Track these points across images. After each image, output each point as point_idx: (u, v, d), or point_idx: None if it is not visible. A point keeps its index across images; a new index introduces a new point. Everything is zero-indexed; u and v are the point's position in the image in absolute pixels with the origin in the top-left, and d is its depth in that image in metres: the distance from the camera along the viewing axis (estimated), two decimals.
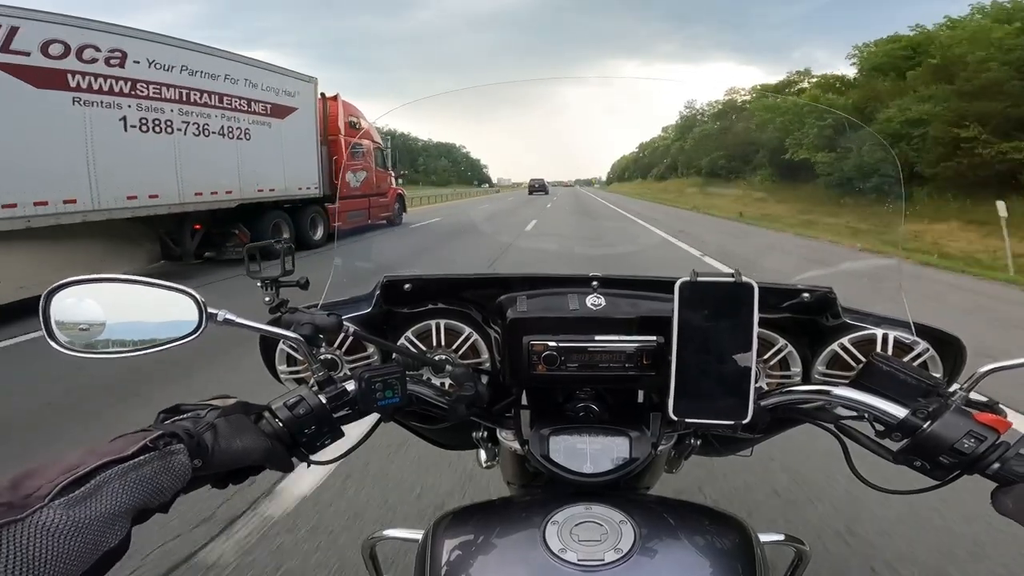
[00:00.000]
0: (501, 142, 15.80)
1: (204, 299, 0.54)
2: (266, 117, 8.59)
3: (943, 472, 0.55)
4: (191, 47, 7.17)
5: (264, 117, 8.55)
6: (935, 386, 0.60)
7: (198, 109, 7.26)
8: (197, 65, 7.21)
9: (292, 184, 9.27)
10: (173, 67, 6.86)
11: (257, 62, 8.53)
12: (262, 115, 8.50)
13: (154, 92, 6.61)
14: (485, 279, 0.78)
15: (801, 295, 0.73)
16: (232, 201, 7.87)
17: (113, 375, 3.35)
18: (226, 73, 7.75)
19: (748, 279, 0.57)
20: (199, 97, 7.27)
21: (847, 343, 0.71)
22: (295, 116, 9.29)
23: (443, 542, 0.59)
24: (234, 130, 7.91)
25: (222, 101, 7.66)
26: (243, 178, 8.07)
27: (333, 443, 0.60)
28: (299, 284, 0.72)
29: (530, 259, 3.69)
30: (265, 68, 8.63)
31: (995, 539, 1.75)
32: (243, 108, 8.07)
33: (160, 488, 0.44)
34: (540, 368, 0.65)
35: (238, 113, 7.97)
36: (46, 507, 0.36)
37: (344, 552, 1.76)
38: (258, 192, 8.43)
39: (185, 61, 7.03)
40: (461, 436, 0.83)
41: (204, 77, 7.35)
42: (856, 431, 0.64)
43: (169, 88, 6.81)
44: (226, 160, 7.76)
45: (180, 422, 0.50)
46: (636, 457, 0.64)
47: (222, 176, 7.66)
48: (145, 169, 6.45)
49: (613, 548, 0.52)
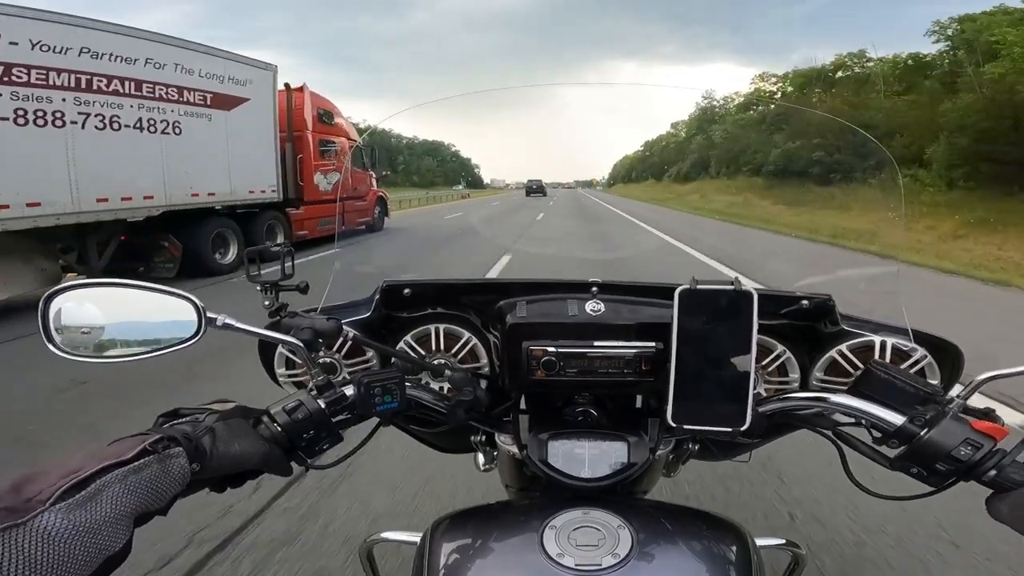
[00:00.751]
0: (495, 142, 14.54)
1: (203, 304, 0.54)
2: (204, 108, 7.34)
3: (939, 479, 0.56)
4: (96, 26, 5.94)
5: (201, 108, 7.30)
6: (932, 393, 0.60)
7: (104, 98, 6.02)
8: (104, 47, 5.97)
9: (241, 187, 8.01)
10: (68, 49, 5.63)
11: (195, 44, 7.27)
12: (199, 105, 7.25)
13: (38, 78, 5.39)
14: (484, 284, 0.80)
15: (800, 302, 0.73)
16: (154, 208, 6.63)
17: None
18: (148, 57, 6.51)
19: (747, 287, 0.57)
20: (105, 84, 6.04)
21: (845, 350, 0.71)
22: (246, 108, 8.02)
23: (441, 545, 0.59)
24: (157, 123, 6.66)
25: (140, 89, 6.42)
26: (170, 180, 6.83)
27: (332, 448, 0.60)
28: (299, 288, 0.70)
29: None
30: (205, 52, 7.37)
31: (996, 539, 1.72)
32: (171, 97, 6.82)
33: (159, 492, 0.44)
34: (539, 373, 0.65)
35: (163, 103, 6.73)
36: (47, 511, 0.36)
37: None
38: (192, 197, 7.18)
39: (87, 43, 5.79)
40: (459, 440, 0.84)
41: (115, 61, 6.12)
42: (853, 438, 0.65)
43: (60, 74, 5.58)
44: (144, 159, 6.52)
45: (179, 426, 0.50)
46: (634, 462, 0.65)
47: (139, 178, 6.42)
48: (20, 172, 5.24)
49: (611, 553, 0.53)
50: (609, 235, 9.28)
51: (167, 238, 7.02)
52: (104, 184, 6.02)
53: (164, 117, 6.75)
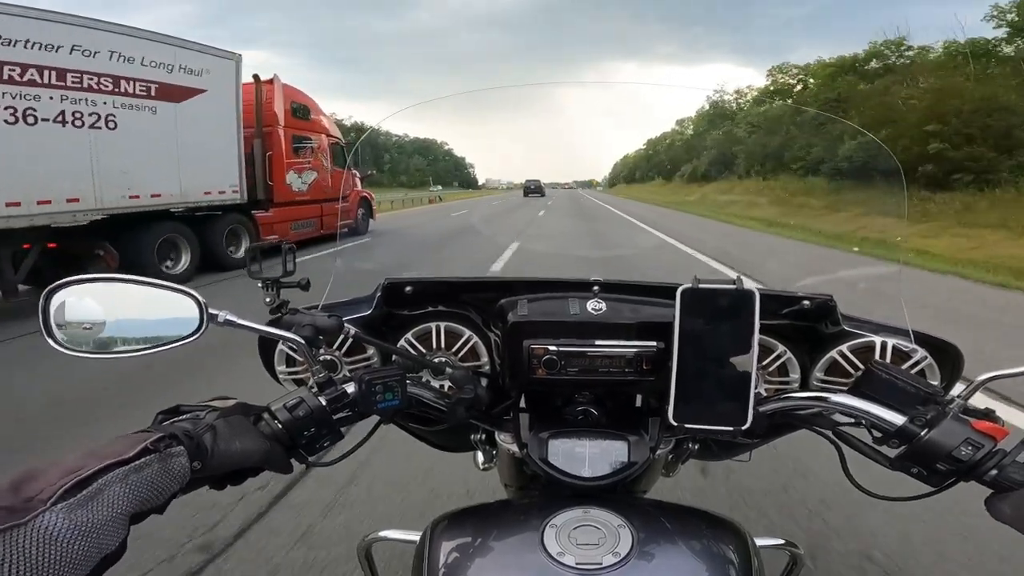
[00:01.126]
0: (492, 142, 13.72)
1: (205, 300, 0.55)
2: (147, 100, 6.58)
3: (940, 479, 0.56)
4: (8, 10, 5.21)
5: (144, 100, 6.54)
6: (933, 394, 0.60)
7: (16, 89, 5.30)
8: (14, 33, 5.25)
9: (194, 188, 7.25)
10: None
11: (137, 31, 6.52)
12: (140, 97, 6.49)
13: None
14: (486, 282, 0.78)
15: (801, 302, 0.73)
16: (81, 213, 5.88)
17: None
18: (75, 44, 5.77)
19: (750, 286, 0.57)
20: (17, 74, 5.31)
21: (846, 350, 0.71)
22: (201, 100, 7.25)
23: (441, 544, 0.59)
24: (84, 116, 5.89)
25: (63, 79, 5.68)
26: (102, 180, 6.07)
27: (333, 445, 0.60)
28: (300, 285, 0.69)
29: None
30: (149, 39, 6.62)
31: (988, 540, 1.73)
32: (103, 88, 6.08)
33: (159, 490, 0.44)
34: (540, 372, 0.65)
35: (93, 94, 5.98)
36: (48, 511, 0.36)
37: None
38: (131, 200, 6.43)
39: None
40: (460, 438, 0.84)
41: (30, 48, 5.37)
42: (854, 437, 0.65)
43: None
44: (68, 157, 5.78)
45: (179, 423, 0.50)
46: (634, 461, 0.66)
47: (60, 179, 5.68)
48: None
49: (611, 552, 0.53)
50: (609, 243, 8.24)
51: (103, 246, 6.28)
52: (15, 187, 5.28)
53: (94, 110, 5.99)
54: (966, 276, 6.94)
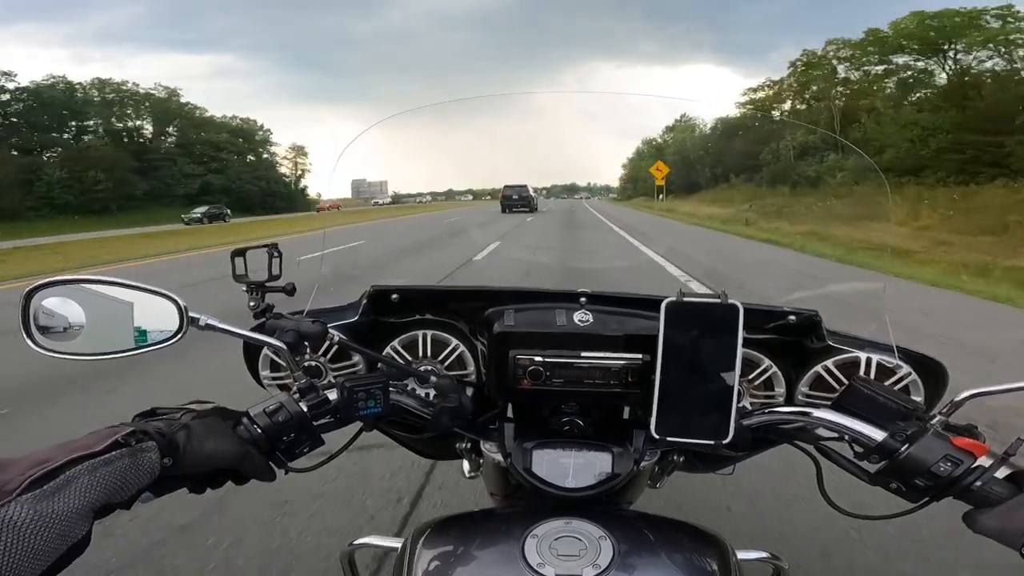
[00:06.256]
0: (468, 145, 13.16)
1: (186, 303, 0.55)
2: None
3: (918, 494, 0.57)
4: None
5: None
6: (914, 410, 0.61)
7: None
8: None
9: None
10: None
11: None
12: None
13: None
14: (473, 291, 0.78)
15: (787, 317, 0.74)
16: None
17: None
18: None
19: (734, 301, 0.58)
20: None
21: (831, 365, 0.72)
22: None
23: (422, 552, 0.59)
24: None
25: None
26: None
27: (313, 451, 0.61)
28: (285, 290, 0.69)
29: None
30: None
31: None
32: None
33: (127, 484, 0.44)
34: (525, 382, 0.65)
35: None
36: (13, 501, 0.36)
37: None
38: None
39: None
40: (445, 447, 0.86)
41: None
42: (835, 452, 0.66)
43: None
44: None
45: (154, 422, 0.50)
46: (618, 472, 0.66)
47: None
48: None
49: (591, 564, 0.53)
50: None
51: None
52: None
53: None
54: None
